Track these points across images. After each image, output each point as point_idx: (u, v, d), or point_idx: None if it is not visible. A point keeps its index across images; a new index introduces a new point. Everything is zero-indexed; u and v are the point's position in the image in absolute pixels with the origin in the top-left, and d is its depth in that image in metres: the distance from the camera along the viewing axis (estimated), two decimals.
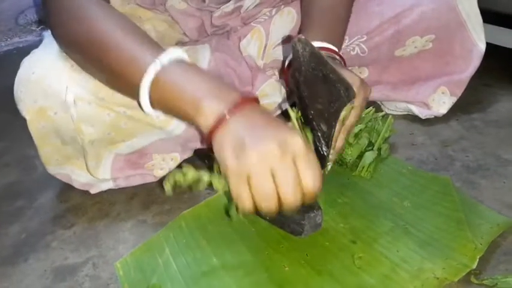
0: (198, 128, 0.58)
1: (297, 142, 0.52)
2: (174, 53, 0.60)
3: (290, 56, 0.69)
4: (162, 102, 0.60)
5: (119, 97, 0.70)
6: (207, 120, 0.55)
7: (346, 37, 0.90)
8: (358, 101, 0.64)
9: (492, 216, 0.67)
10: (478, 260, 0.59)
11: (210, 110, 0.55)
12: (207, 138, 0.56)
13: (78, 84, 0.69)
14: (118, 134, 0.74)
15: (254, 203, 0.54)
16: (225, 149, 0.53)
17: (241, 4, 0.88)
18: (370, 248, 0.63)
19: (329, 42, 0.72)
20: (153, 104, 0.61)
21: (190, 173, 0.59)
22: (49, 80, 0.69)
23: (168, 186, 0.60)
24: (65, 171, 0.81)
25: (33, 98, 0.70)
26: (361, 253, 0.62)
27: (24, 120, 0.72)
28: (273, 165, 0.52)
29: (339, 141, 0.65)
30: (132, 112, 0.72)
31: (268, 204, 0.53)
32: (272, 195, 0.53)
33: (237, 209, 0.56)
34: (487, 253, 0.61)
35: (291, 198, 0.53)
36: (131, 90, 0.61)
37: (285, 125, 0.56)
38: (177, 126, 0.76)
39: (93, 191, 0.82)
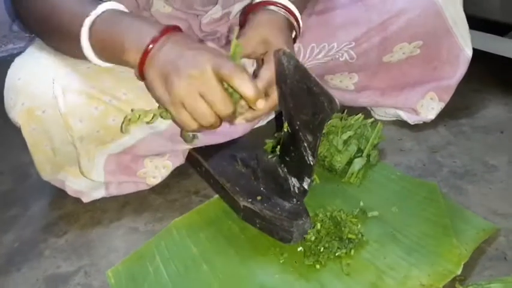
0: (132, 68, 0.64)
1: (215, 58, 0.57)
2: (110, 4, 0.65)
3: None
4: (102, 51, 0.66)
5: (105, 86, 0.72)
6: (134, 58, 0.61)
7: (335, 43, 0.91)
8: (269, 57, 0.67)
9: (478, 222, 0.68)
10: (463, 266, 0.60)
11: (134, 48, 0.61)
12: (139, 75, 0.62)
13: (64, 76, 0.71)
14: (107, 132, 0.75)
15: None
16: (154, 81, 0.60)
17: (230, 10, 0.89)
18: (358, 255, 0.64)
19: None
20: (97, 55, 0.67)
21: (140, 112, 0.63)
22: (35, 81, 0.71)
23: (125, 126, 0.64)
24: (59, 177, 0.81)
25: (20, 101, 0.71)
26: (349, 260, 0.63)
27: (18, 128, 0.73)
28: (199, 88, 0.57)
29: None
30: (118, 103, 0.73)
31: (208, 121, 0.60)
32: (208, 113, 0.59)
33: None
34: (472, 259, 0.62)
35: (225, 111, 0.59)
36: (79, 48, 0.66)
37: (207, 47, 0.61)
38: (161, 122, 0.76)
39: (85, 200, 0.83)
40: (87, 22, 0.64)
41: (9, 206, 0.87)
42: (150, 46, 0.60)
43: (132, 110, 0.66)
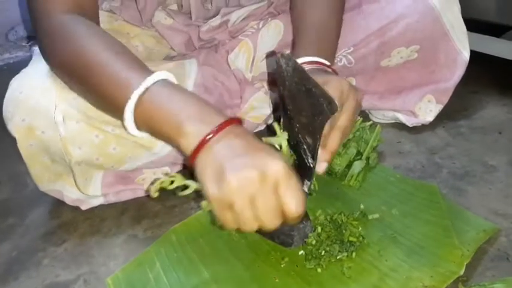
0: (182, 152, 0.58)
1: (278, 167, 0.51)
2: (159, 75, 0.60)
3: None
4: (147, 125, 0.60)
5: (108, 116, 0.70)
6: (189, 143, 0.55)
7: None
8: (349, 104, 0.65)
9: (479, 223, 0.68)
10: (465, 266, 0.60)
11: (191, 133, 0.55)
12: (190, 162, 0.56)
13: (67, 103, 0.70)
14: (107, 159, 0.74)
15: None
16: (205, 173, 0.53)
17: (228, 18, 0.89)
18: (360, 257, 0.64)
19: (320, 57, 0.73)
20: (139, 127, 0.61)
21: (178, 179, 0.58)
22: (37, 99, 0.70)
23: (154, 189, 0.59)
24: (56, 187, 0.81)
25: (21, 117, 0.70)
26: (350, 263, 0.63)
27: (14, 137, 0.72)
28: (253, 193, 0.51)
29: (332, 141, 0.65)
30: (120, 131, 0.72)
31: (250, 228, 0.54)
32: (253, 221, 0.53)
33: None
34: (474, 260, 0.62)
35: (271, 225, 0.54)
36: (117, 112, 0.61)
37: (267, 147, 0.55)
38: (163, 146, 0.76)
39: (83, 207, 0.82)
40: (135, 96, 0.58)
41: (7, 215, 0.86)
42: (210, 136, 0.54)
43: (166, 174, 0.63)
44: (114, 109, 0.62)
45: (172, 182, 0.58)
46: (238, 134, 0.55)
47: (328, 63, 0.74)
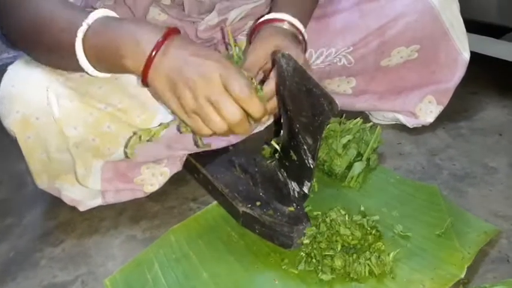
0: (128, 71, 0.62)
1: (214, 65, 0.57)
2: (100, 12, 0.63)
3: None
4: (99, 61, 0.63)
5: (99, 93, 0.71)
6: (135, 64, 0.59)
7: (333, 49, 0.91)
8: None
9: (479, 225, 0.68)
10: (466, 269, 0.60)
11: (135, 53, 0.59)
12: (143, 82, 0.61)
13: (58, 83, 0.70)
14: (102, 140, 0.74)
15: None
16: (161, 90, 0.59)
17: (226, 17, 0.89)
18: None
19: (295, 17, 0.75)
20: (94, 66, 0.64)
21: (141, 133, 0.64)
22: (29, 89, 0.70)
23: (130, 150, 0.65)
24: (55, 185, 0.80)
25: (15, 109, 0.70)
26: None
27: (13, 137, 0.72)
28: (208, 97, 0.57)
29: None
30: (113, 109, 0.72)
31: (220, 128, 0.60)
32: (219, 121, 0.59)
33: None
34: (475, 262, 0.62)
35: (234, 116, 0.58)
36: (72, 59, 0.64)
37: (207, 50, 0.61)
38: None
39: (81, 208, 0.82)
40: (80, 32, 0.62)
41: (4, 216, 0.85)
42: (154, 52, 0.58)
43: (134, 133, 0.67)
44: (69, 56, 0.64)
45: (141, 137, 0.63)
46: (181, 45, 0.60)
47: (301, 27, 0.76)
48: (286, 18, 0.75)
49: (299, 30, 0.76)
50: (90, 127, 0.72)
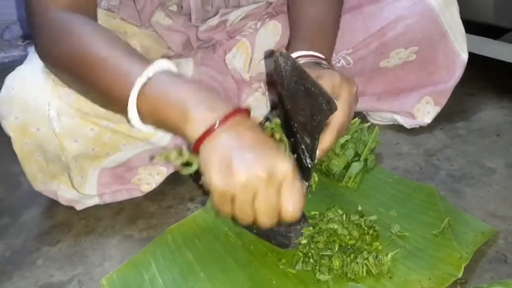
0: (187, 140, 0.57)
1: (285, 169, 0.52)
2: (160, 64, 0.58)
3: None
4: (151, 116, 0.58)
5: (103, 111, 0.70)
6: (195, 129, 0.53)
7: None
8: (343, 99, 0.64)
9: (477, 225, 0.68)
10: (463, 269, 0.59)
11: (198, 119, 0.53)
12: (194, 149, 0.55)
13: (60, 99, 0.69)
14: (102, 148, 0.74)
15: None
16: (211, 163, 0.52)
17: (227, 18, 0.89)
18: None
19: (315, 51, 0.72)
20: (143, 118, 0.59)
21: (185, 154, 0.57)
22: (30, 95, 0.69)
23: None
24: (51, 187, 0.80)
25: (14, 114, 0.69)
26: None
27: (8, 136, 0.72)
28: (257, 190, 0.52)
29: (325, 139, 0.64)
30: (115, 126, 0.72)
31: (245, 221, 0.55)
32: (250, 216, 0.54)
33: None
34: (473, 262, 0.61)
35: (266, 223, 0.54)
36: (119, 106, 0.60)
37: (275, 144, 0.55)
38: (161, 138, 0.75)
39: (78, 208, 0.81)
40: (138, 83, 0.56)
41: (0, 215, 0.85)
42: (218, 123, 0.52)
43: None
44: (117, 103, 0.60)
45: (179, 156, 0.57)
46: (247, 125, 0.54)
47: (323, 56, 0.72)
48: (314, 54, 0.71)
49: (325, 59, 0.73)
50: (90, 140, 0.72)
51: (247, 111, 0.56)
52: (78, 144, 0.71)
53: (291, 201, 0.53)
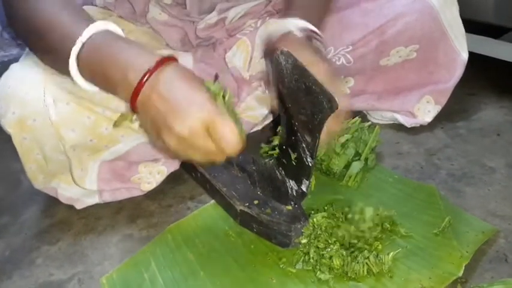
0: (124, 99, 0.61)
1: (204, 114, 0.55)
2: (102, 24, 0.62)
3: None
4: (90, 74, 0.63)
5: (98, 97, 0.71)
6: (126, 89, 0.58)
7: (331, 48, 0.91)
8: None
9: (477, 224, 0.68)
10: (464, 268, 0.59)
11: (128, 79, 0.57)
12: (132, 110, 0.59)
13: (55, 85, 0.70)
14: (100, 140, 0.74)
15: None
16: (146, 125, 0.60)
17: (226, 16, 0.88)
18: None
19: (308, 22, 0.73)
20: (84, 77, 0.63)
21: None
22: (25, 89, 0.69)
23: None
24: (51, 185, 0.80)
25: (12, 110, 0.69)
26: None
27: (8, 134, 0.71)
28: (192, 143, 0.56)
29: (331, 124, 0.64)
30: (111, 113, 0.72)
31: (204, 161, 0.60)
32: (201, 159, 0.59)
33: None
34: (473, 261, 0.61)
35: (219, 157, 0.59)
36: (66, 64, 0.63)
37: (198, 86, 0.58)
38: None
39: (78, 206, 0.81)
40: (78, 43, 0.61)
41: (0, 214, 0.85)
42: (144, 79, 0.57)
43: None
44: (63, 62, 0.63)
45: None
46: (171, 78, 0.57)
47: (318, 31, 0.73)
48: (307, 27, 0.72)
49: (316, 32, 0.73)
50: (87, 129, 0.72)
51: (171, 59, 0.59)
52: (75, 134, 0.71)
53: (223, 140, 0.56)
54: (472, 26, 0.99)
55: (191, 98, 0.57)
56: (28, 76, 0.71)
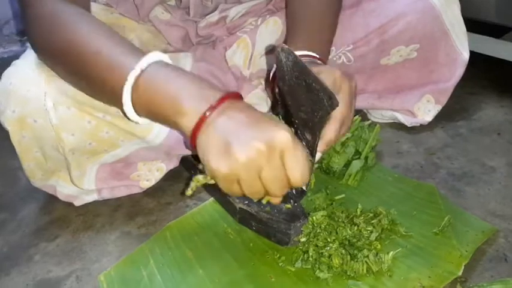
0: (182, 133, 0.57)
1: (283, 136, 0.52)
2: (155, 56, 0.58)
3: (275, 66, 0.69)
4: (145, 108, 0.59)
5: (97, 103, 0.69)
6: (188, 121, 0.54)
7: (333, 48, 0.90)
8: (343, 93, 0.64)
9: (477, 224, 0.68)
10: (463, 267, 0.59)
11: (190, 110, 0.54)
12: (191, 142, 0.55)
13: (57, 90, 0.68)
14: (100, 144, 0.73)
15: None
16: (209, 151, 0.53)
17: (227, 14, 0.88)
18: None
19: (313, 51, 0.72)
20: (137, 110, 0.60)
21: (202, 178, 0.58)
22: (27, 88, 0.68)
23: (191, 189, 0.59)
24: (49, 183, 0.79)
25: (12, 108, 0.69)
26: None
27: (6, 131, 0.71)
28: (260, 166, 0.52)
29: (328, 132, 0.64)
30: (112, 118, 0.71)
31: (257, 197, 0.56)
32: (260, 192, 0.55)
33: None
34: (473, 260, 0.61)
35: (278, 193, 0.55)
36: (114, 99, 0.60)
37: (269, 117, 0.55)
38: (156, 136, 0.75)
39: (77, 203, 0.81)
40: (131, 77, 0.56)
41: None
42: (209, 112, 0.53)
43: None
44: (111, 96, 0.60)
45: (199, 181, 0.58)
46: (238, 107, 0.55)
47: (317, 55, 0.72)
48: (309, 54, 0.71)
49: (320, 59, 0.73)
50: (87, 133, 0.71)
51: (237, 95, 0.57)
52: (75, 138, 0.71)
53: (296, 168, 0.53)
54: (473, 25, 0.99)
55: (267, 119, 0.54)
56: (30, 75, 0.69)
